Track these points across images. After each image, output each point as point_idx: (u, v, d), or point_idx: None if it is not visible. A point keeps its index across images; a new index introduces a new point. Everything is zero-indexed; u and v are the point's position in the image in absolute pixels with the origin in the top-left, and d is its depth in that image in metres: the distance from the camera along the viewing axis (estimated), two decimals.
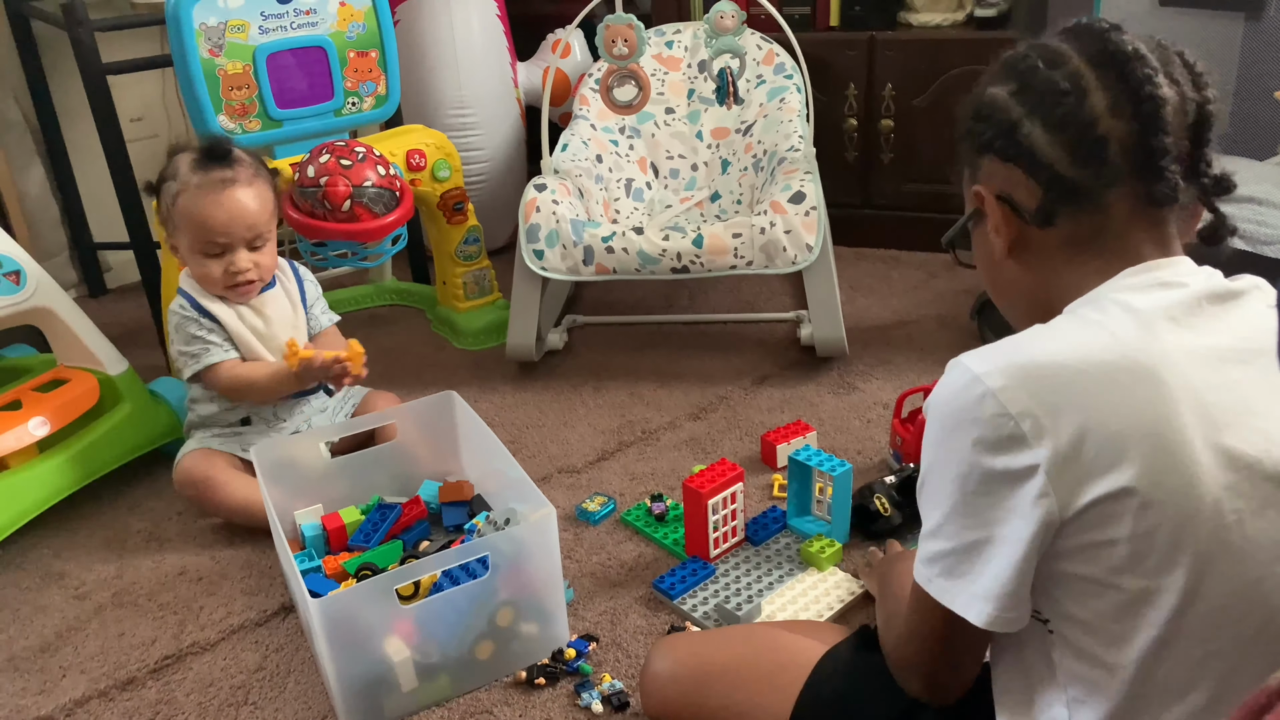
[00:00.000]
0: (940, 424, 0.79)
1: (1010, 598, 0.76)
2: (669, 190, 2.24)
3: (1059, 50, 0.81)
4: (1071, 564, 0.75)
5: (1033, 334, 0.79)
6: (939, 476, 0.79)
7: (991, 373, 0.75)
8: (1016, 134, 0.81)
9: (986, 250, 0.88)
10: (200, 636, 1.36)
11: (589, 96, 2.26)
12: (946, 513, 0.78)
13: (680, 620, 1.33)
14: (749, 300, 2.24)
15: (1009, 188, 0.83)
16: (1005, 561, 0.75)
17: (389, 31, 1.96)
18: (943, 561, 0.79)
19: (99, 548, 1.56)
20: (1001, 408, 0.74)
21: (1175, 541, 0.72)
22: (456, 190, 2.07)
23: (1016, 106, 0.82)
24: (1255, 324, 0.79)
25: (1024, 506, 0.74)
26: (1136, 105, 0.78)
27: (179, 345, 1.57)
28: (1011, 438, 0.73)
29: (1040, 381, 0.74)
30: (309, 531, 1.45)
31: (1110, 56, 0.79)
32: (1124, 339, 0.75)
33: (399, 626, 1.18)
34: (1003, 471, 0.74)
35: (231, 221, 1.52)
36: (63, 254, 2.43)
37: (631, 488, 1.61)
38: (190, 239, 1.53)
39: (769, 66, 2.27)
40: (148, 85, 2.46)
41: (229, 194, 1.52)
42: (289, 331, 1.62)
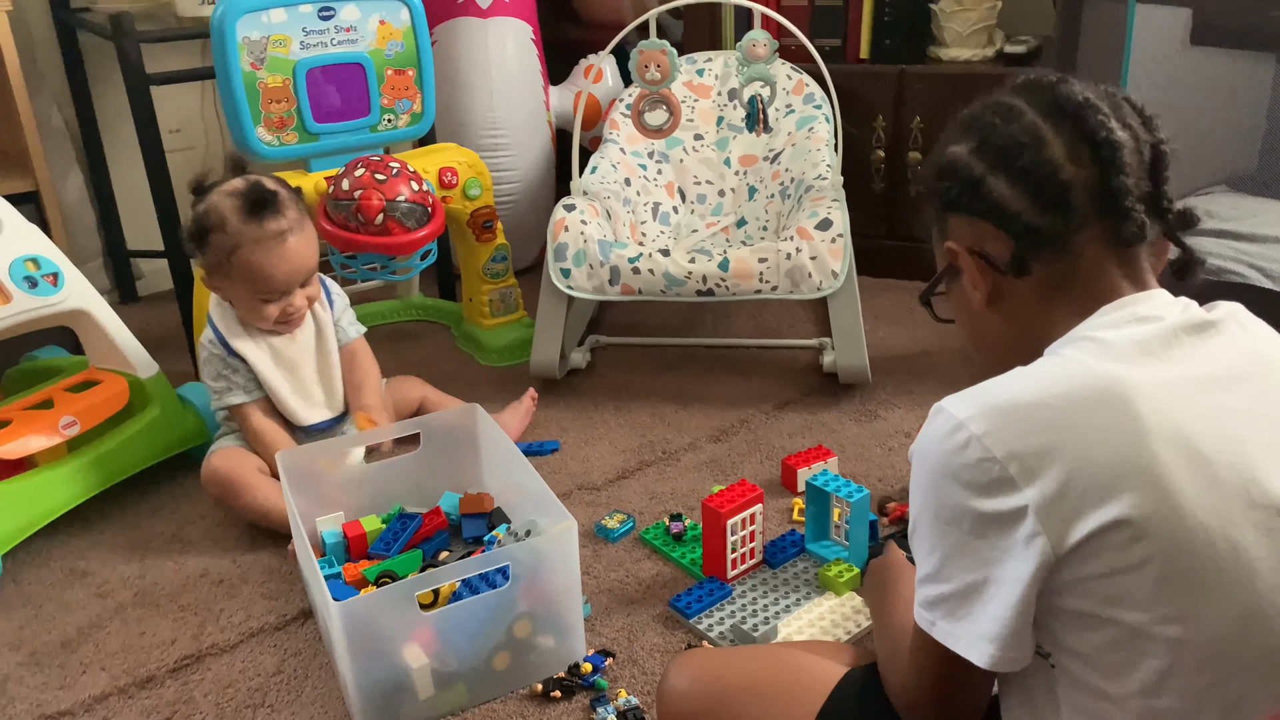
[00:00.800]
0: (928, 470, 0.80)
1: (1011, 638, 0.77)
2: (696, 215, 2.26)
3: (1012, 105, 0.85)
4: (1069, 599, 0.76)
5: (1012, 375, 0.80)
6: (931, 522, 0.80)
7: (974, 417, 0.76)
8: (981, 189, 0.84)
9: (964, 304, 0.90)
10: (220, 638, 1.37)
11: (619, 121, 2.29)
12: (943, 557, 0.79)
13: (696, 639, 1.33)
14: (772, 326, 2.24)
15: (980, 241, 0.86)
16: (1004, 602, 0.76)
17: (426, 51, 2.00)
18: (944, 605, 0.80)
19: (123, 548, 1.58)
20: (986, 452, 0.75)
21: (1168, 573, 0.73)
22: (486, 209, 2.10)
23: (978, 163, 0.85)
24: (1234, 351, 0.80)
25: (1018, 547, 0.75)
26: (1094, 150, 0.81)
27: (207, 378, 1.62)
28: (999, 481, 0.75)
29: (1022, 423, 0.76)
30: (330, 538, 1.46)
31: (1061, 107, 0.83)
32: (1100, 375, 0.76)
33: (418, 634, 1.18)
34: (993, 514, 0.75)
35: (294, 273, 1.56)
36: (97, 260, 2.47)
37: (651, 507, 1.62)
38: (249, 289, 1.55)
39: (799, 96, 2.30)
40: (187, 97, 2.51)
41: (289, 247, 1.54)
42: (313, 359, 1.64)
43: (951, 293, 0.92)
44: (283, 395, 1.61)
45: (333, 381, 1.67)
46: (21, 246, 1.65)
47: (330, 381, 1.67)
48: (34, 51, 2.28)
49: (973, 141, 0.86)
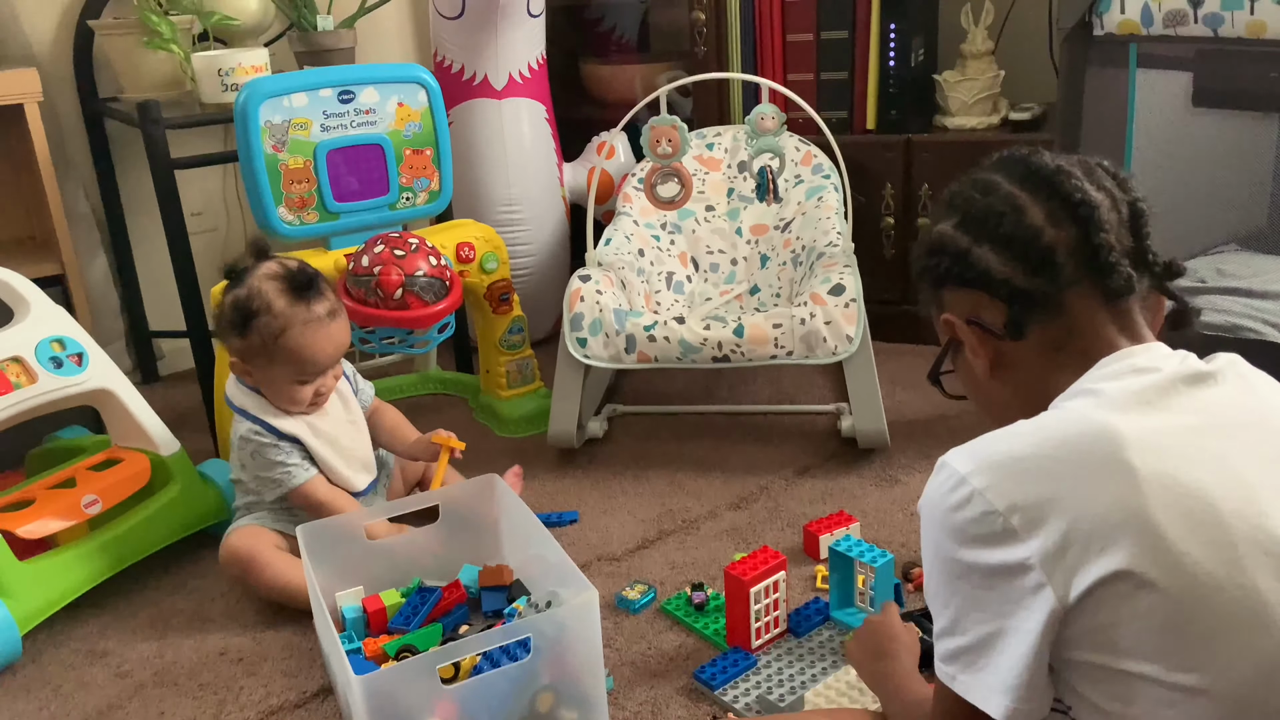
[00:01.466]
0: (935, 525, 0.82)
1: (1025, 689, 0.77)
2: (709, 283, 2.28)
3: (989, 180, 0.90)
4: (1080, 651, 0.76)
5: (1013, 428, 0.83)
6: (943, 575, 0.82)
7: (976, 471, 0.79)
8: (969, 259, 0.88)
9: (970, 375, 0.94)
10: (240, 717, 1.35)
11: (632, 194, 2.33)
12: (957, 610, 0.81)
13: (722, 711, 1.30)
14: (789, 392, 2.25)
15: (975, 311, 0.89)
16: (1017, 653, 0.77)
17: (444, 131, 2.05)
18: (962, 658, 0.81)
19: (143, 626, 1.57)
20: (989, 505, 0.77)
21: (1177, 622, 0.73)
22: (503, 282, 2.12)
23: (963, 236, 0.89)
24: (1233, 400, 0.82)
25: (1026, 598, 0.76)
26: (1072, 211, 0.85)
27: (257, 470, 1.58)
28: (1002, 534, 0.76)
29: (1022, 476, 0.78)
30: (349, 613, 1.45)
31: (1036, 174, 0.87)
32: (1095, 426, 0.78)
33: (440, 708, 1.17)
34: (999, 566, 0.77)
35: (336, 352, 1.59)
36: (120, 340, 2.51)
37: (672, 576, 1.60)
38: (289, 371, 1.55)
39: (807, 167, 2.34)
40: (209, 181, 2.57)
41: (334, 328, 1.57)
42: (346, 429, 1.66)
43: (958, 367, 0.96)
44: (335, 466, 1.62)
45: (365, 447, 1.69)
46: (48, 328, 1.68)
47: (363, 447, 1.69)
48: (63, 140, 2.35)
49: (956, 217, 0.90)
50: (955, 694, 0.81)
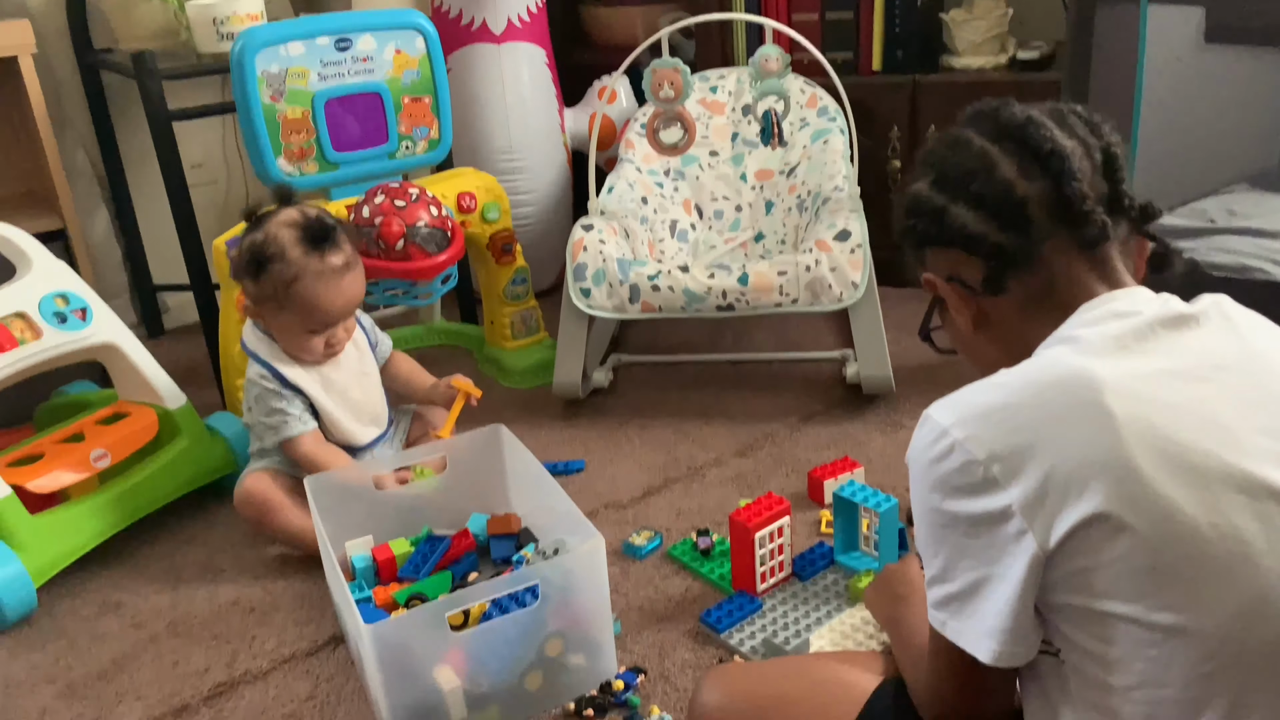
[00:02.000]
0: (920, 477, 0.83)
1: (1011, 633, 0.79)
2: (713, 231, 2.26)
3: (960, 136, 0.90)
4: (1063, 595, 0.78)
5: (994, 378, 0.83)
6: (930, 526, 0.83)
7: (957, 423, 0.80)
8: (945, 219, 0.88)
9: (957, 331, 0.95)
10: (253, 665, 1.37)
11: (635, 140, 2.30)
12: (946, 558, 0.82)
13: (728, 654, 1.32)
14: (794, 339, 2.24)
15: (955, 269, 0.90)
16: (1002, 599, 0.78)
17: (442, 78, 2.02)
18: (952, 604, 0.82)
19: (155, 578, 1.59)
20: (970, 455, 0.78)
21: (1154, 563, 0.74)
22: (505, 232, 2.11)
23: (938, 195, 0.89)
24: (1215, 341, 0.82)
25: (1009, 544, 0.77)
26: (1042, 163, 0.85)
27: (259, 415, 1.59)
28: (984, 482, 0.78)
29: (1001, 425, 0.79)
30: (359, 563, 1.47)
31: (1005, 129, 0.87)
32: (1072, 372, 0.79)
33: (449, 655, 1.18)
34: (982, 514, 0.78)
35: (348, 305, 1.57)
36: (123, 295, 2.51)
37: (678, 523, 1.62)
38: (300, 319, 1.54)
39: (812, 109, 2.30)
40: (208, 133, 2.54)
41: (347, 281, 1.56)
42: (359, 381, 1.65)
43: (945, 323, 0.97)
44: (340, 419, 1.62)
45: (376, 401, 1.69)
46: (51, 283, 1.68)
47: (374, 401, 1.69)
48: (59, 93, 2.33)
49: (930, 175, 0.91)
50: (947, 639, 0.83)
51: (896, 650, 1.03)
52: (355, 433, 1.65)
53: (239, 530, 1.69)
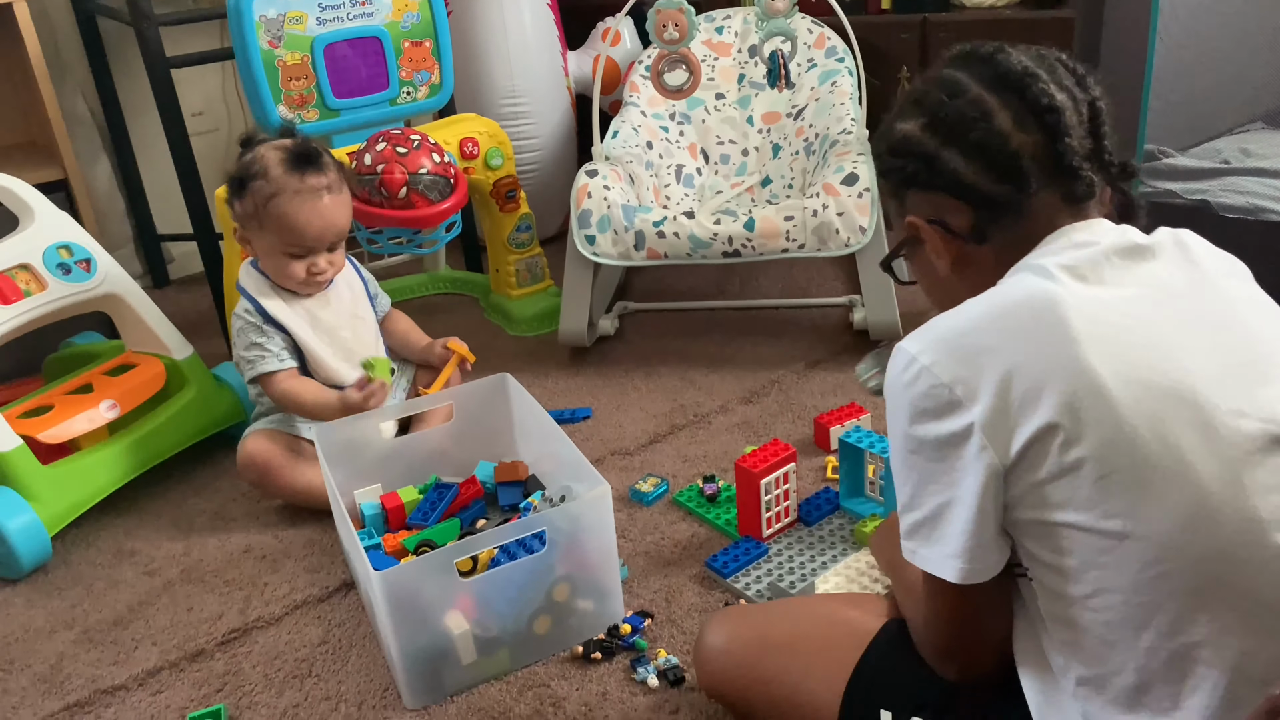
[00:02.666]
0: (892, 405, 0.86)
1: (974, 550, 0.82)
2: (719, 176, 2.24)
3: (957, 80, 0.89)
4: (1023, 511, 0.81)
5: (959, 307, 0.86)
6: (900, 454, 0.86)
7: (924, 350, 0.83)
8: (937, 165, 0.88)
9: (928, 271, 0.96)
10: (265, 611, 1.39)
11: (639, 84, 2.27)
12: (914, 486, 0.85)
13: (734, 598, 1.33)
14: (801, 285, 2.23)
15: (940, 213, 0.90)
16: (964, 516, 0.82)
17: (443, 22, 1.99)
18: (920, 531, 0.85)
19: (167, 526, 1.61)
20: (935, 379, 0.81)
21: (1104, 473, 0.77)
22: (509, 178, 2.09)
23: (930, 139, 0.89)
24: (1169, 272, 0.85)
25: (970, 463, 0.80)
26: (1039, 117, 0.86)
27: (240, 350, 1.60)
28: (948, 404, 0.81)
29: (963, 348, 0.82)
30: (368, 510, 1.48)
31: (1004, 78, 0.87)
32: (1033, 294, 0.82)
33: (459, 601, 1.20)
34: (947, 436, 0.81)
35: (325, 229, 1.56)
36: (128, 246, 2.50)
37: (684, 469, 1.62)
38: (278, 240, 1.55)
39: (820, 50, 2.26)
40: (208, 80, 2.52)
41: (324, 204, 1.55)
42: (350, 322, 1.65)
43: (914, 260, 0.98)
44: (323, 356, 1.61)
45: (368, 345, 1.68)
46: (54, 234, 1.68)
47: (366, 344, 1.68)
48: (56, 41, 2.30)
49: (922, 118, 0.90)
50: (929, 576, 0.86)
51: (897, 592, 1.04)
52: (341, 372, 1.63)
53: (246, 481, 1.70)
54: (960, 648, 0.89)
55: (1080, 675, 0.82)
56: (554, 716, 1.17)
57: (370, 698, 1.23)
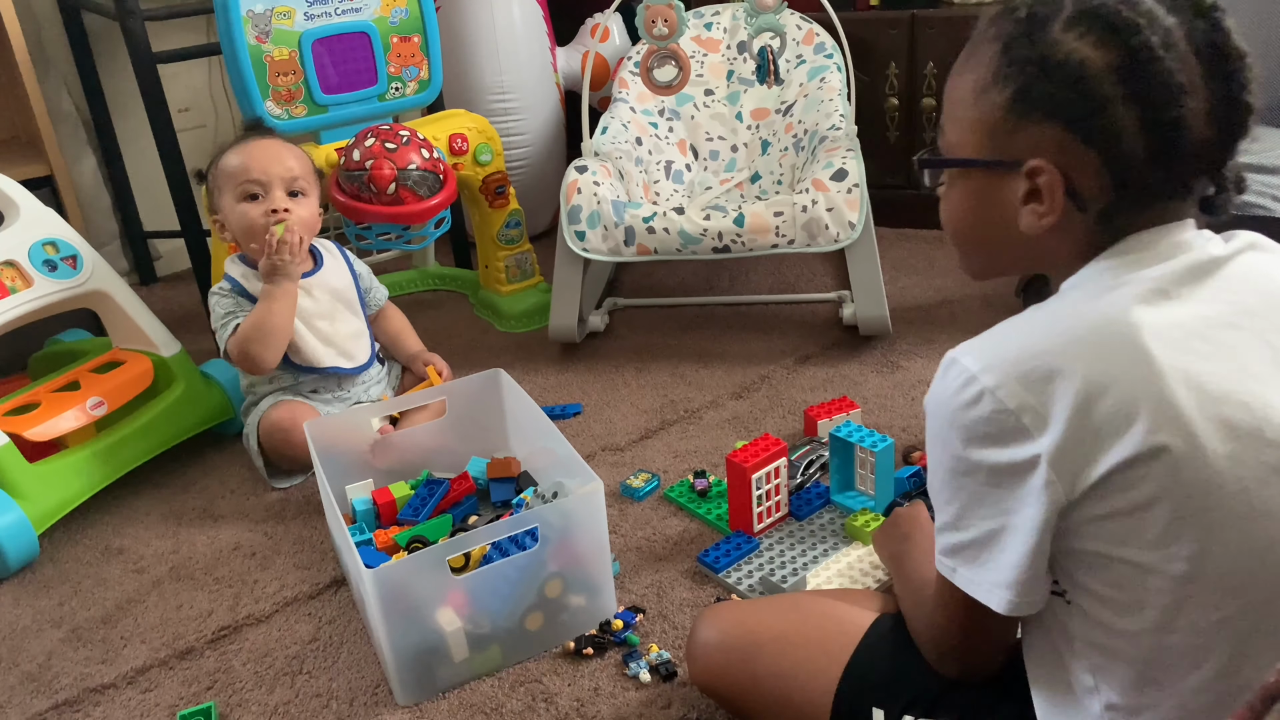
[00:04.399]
0: (943, 422, 0.79)
1: (1027, 583, 0.78)
2: (709, 172, 2.24)
3: (1170, 30, 0.74)
4: (1080, 540, 0.76)
5: (1024, 321, 0.79)
6: (947, 472, 0.80)
7: (987, 369, 0.75)
8: (1106, 115, 0.74)
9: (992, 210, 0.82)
10: (255, 609, 1.39)
11: (628, 80, 2.27)
12: (961, 507, 0.80)
13: (725, 593, 1.33)
14: (790, 281, 2.23)
15: (1071, 169, 0.77)
16: (1020, 549, 0.77)
17: (431, 17, 1.98)
18: (963, 553, 0.81)
19: (156, 524, 1.60)
20: (1000, 404, 0.74)
21: (1177, 513, 0.73)
22: (498, 174, 2.09)
23: (1114, 85, 0.74)
24: (1246, 283, 0.78)
25: (1031, 495, 0.75)
26: (1231, 113, 0.75)
27: (215, 323, 1.62)
28: (1013, 431, 0.74)
29: (1034, 373, 0.74)
30: (360, 506, 1.47)
31: (1217, 49, 0.75)
32: (1112, 319, 0.75)
33: (451, 597, 1.19)
34: (1008, 464, 0.75)
35: (268, 161, 1.59)
36: (114, 242, 2.49)
37: (675, 465, 1.62)
38: (231, 191, 1.59)
39: (809, 46, 2.26)
40: (195, 76, 2.50)
41: (264, 141, 1.63)
42: (330, 313, 1.66)
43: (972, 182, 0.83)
44: (300, 335, 1.61)
45: (351, 338, 1.69)
46: (39, 231, 1.67)
47: (347, 337, 1.68)
48: (40, 35, 2.28)
49: (1113, 52, 0.74)
50: (956, 587, 0.82)
51: (898, 586, 1.03)
52: (317, 350, 1.64)
53: (237, 476, 1.70)
54: (969, 652, 0.88)
55: (1112, 702, 0.78)
56: (546, 712, 1.17)
57: (361, 694, 1.23)
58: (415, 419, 1.63)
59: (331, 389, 1.68)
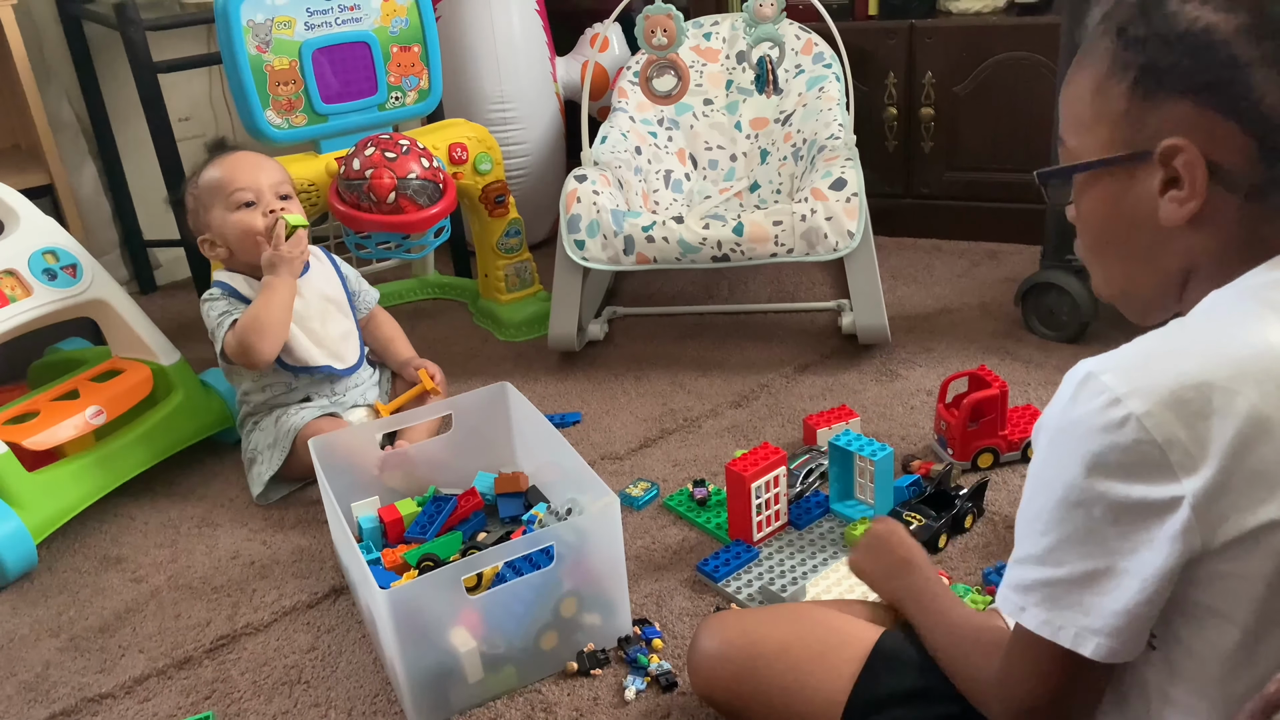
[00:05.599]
0: (1066, 444, 0.69)
1: (1128, 630, 0.70)
2: (708, 181, 2.25)
3: None
4: (1199, 592, 0.69)
5: (1174, 342, 0.70)
6: (1054, 499, 0.70)
7: (1135, 393, 0.66)
8: (1245, 82, 0.68)
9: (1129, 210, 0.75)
10: (254, 618, 1.38)
11: (628, 89, 2.27)
12: (1058, 540, 0.71)
13: (725, 602, 1.33)
14: (789, 290, 2.23)
15: (1210, 145, 0.70)
16: (1131, 595, 0.68)
17: (431, 27, 1.99)
18: (1042, 590, 0.72)
19: (154, 533, 1.60)
20: (1146, 434, 0.66)
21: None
22: (498, 183, 2.09)
23: (1251, 46, 0.67)
24: None
25: (1160, 540, 0.67)
26: None
27: (210, 326, 1.62)
28: (1154, 467, 0.66)
29: (1189, 405, 0.66)
30: (366, 524, 1.46)
31: None
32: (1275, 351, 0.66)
33: (465, 617, 1.17)
34: (1139, 502, 0.67)
35: (254, 170, 1.62)
36: (114, 251, 2.49)
37: (674, 474, 1.62)
38: (220, 206, 1.61)
39: (808, 56, 2.27)
40: (195, 85, 2.51)
41: (241, 154, 1.66)
42: (320, 313, 1.66)
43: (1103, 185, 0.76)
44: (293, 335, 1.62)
45: (341, 340, 1.69)
46: (39, 240, 1.67)
47: (338, 338, 1.69)
48: (41, 45, 2.28)
49: (1243, 15, 0.68)
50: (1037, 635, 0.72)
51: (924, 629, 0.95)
52: (309, 350, 1.64)
53: (235, 485, 1.70)
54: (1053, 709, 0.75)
55: None
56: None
57: (360, 704, 1.22)
58: (415, 434, 1.62)
59: (325, 393, 1.68)
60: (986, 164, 2.32)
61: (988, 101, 2.26)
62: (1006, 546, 1.39)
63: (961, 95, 2.28)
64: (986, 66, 2.23)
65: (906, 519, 1.39)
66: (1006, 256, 2.29)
